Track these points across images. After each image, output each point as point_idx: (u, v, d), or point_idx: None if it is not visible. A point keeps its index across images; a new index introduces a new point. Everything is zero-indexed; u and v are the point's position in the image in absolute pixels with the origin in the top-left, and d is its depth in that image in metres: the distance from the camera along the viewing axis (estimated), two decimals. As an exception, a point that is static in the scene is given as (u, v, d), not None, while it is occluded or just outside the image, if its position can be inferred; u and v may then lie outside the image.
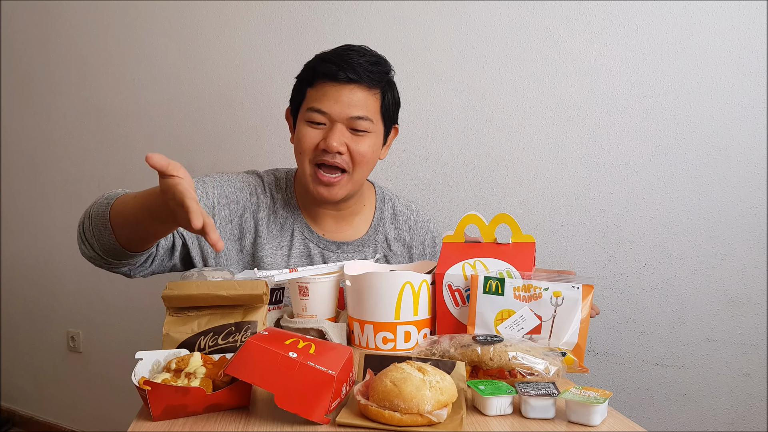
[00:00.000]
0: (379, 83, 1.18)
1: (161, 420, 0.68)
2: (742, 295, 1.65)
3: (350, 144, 1.16)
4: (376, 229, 1.30)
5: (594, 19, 1.68)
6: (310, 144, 1.16)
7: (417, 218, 1.35)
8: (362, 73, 1.14)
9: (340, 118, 1.15)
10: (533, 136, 1.75)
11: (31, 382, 2.55)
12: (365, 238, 1.28)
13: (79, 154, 2.29)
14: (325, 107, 1.15)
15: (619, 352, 1.73)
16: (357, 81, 1.15)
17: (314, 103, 1.16)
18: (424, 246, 1.34)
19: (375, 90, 1.18)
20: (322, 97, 1.15)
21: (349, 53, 1.16)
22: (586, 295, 0.89)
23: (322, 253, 1.25)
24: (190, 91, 2.07)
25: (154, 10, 2.10)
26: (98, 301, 2.33)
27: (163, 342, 0.83)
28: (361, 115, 1.15)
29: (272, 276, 1.01)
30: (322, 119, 1.16)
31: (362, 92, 1.16)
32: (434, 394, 0.67)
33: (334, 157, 1.15)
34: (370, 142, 1.18)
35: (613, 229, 1.71)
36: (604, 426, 0.70)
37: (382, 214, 1.32)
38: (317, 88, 1.16)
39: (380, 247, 1.30)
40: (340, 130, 1.15)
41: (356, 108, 1.15)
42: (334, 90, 1.15)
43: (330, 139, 1.14)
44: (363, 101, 1.16)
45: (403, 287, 0.95)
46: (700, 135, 1.64)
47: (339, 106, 1.14)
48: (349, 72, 1.14)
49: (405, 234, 1.33)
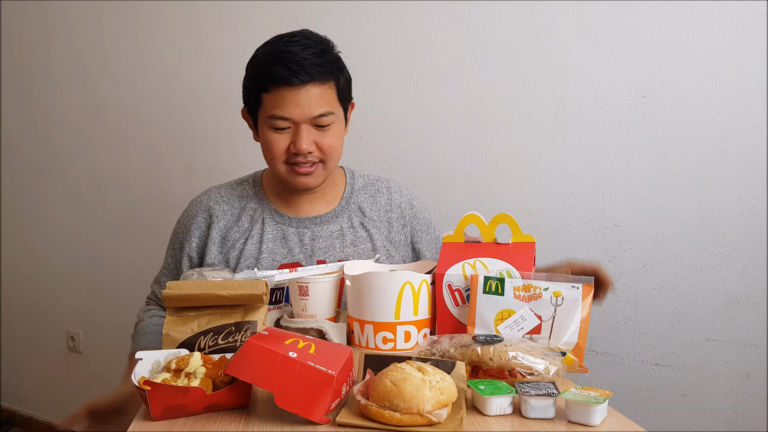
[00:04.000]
0: (332, 74, 1.17)
1: (161, 420, 0.68)
2: (742, 295, 1.65)
3: (318, 140, 1.18)
4: (348, 200, 1.32)
5: (594, 19, 1.68)
6: (279, 149, 1.18)
7: (389, 186, 1.37)
8: (313, 70, 1.13)
9: (303, 120, 1.15)
10: (533, 136, 1.75)
11: (31, 382, 2.55)
12: (338, 209, 1.30)
13: (79, 154, 2.29)
14: (287, 113, 1.15)
15: (619, 352, 1.73)
16: (311, 80, 1.14)
17: (275, 111, 1.15)
18: (402, 208, 1.35)
19: (329, 82, 1.17)
20: (281, 103, 1.15)
21: (293, 49, 1.14)
22: (586, 295, 0.89)
23: (297, 232, 1.26)
24: (190, 91, 2.07)
25: (154, 10, 2.10)
26: (98, 301, 2.33)
27: (163, 342, 0.83)
28: (323, 113, 1.16)
29: (272, 276, 1.01)
30: (286, 124, 1.16)
31: (318, 89, 1.15)
32: (434, 394, 0.67)
33: (305, 157, 1.18)
34: (335, 132, 1.20)
35: (613, 229, 1.71)
36: (604, 426, 0.70)
37: (353, 187, 1.34)
38: (273, 94, 1.15)
39: (354, 216, 1.30)
40: (306, 131, 1.16)
41: (316, 107, 1.15)
42: (290, 94, 1.14)
43: (299, 143, 1.15)
44: (321, 97, 1.16)
45: (403, 287, 0.95)
46: (700, 135, 1.64)
47: (300, 109, 1.14)
48: (301, 75, 1.12)
49: (381, 198, 1.34)
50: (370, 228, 1.29)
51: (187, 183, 2.11)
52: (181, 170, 2.12)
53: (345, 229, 1.28)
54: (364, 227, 1.29)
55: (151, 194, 2.18)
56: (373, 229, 1.29)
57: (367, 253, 1.26)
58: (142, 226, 2.21)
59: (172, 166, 2.13)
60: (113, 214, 2.26)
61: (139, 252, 2.22)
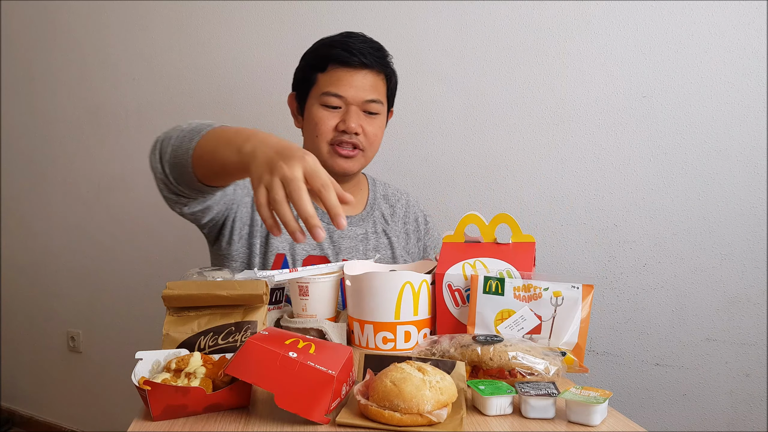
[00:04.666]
0: (386, 68, 1.26)
1: (161, 420, 0.68)
2: (742, 295, 1.65)
3: (364, 125, 1.23)
4: (373, 207, 1.37)
5: (594, 19, 1.68)
6: (328, 126, 1.22)
7: (408, 199, 1.44)
8: (372, 58, 1.22)
9: (355, 101, 1.22)
10: (533, 136, 1.75)
11: (31, 382, 2.54)
12: (364, 214, 1.34)
13: (79, 154, 2.29)
14: (341, 91, 1.21)
15: (619, 352, 1.73)
16: (369, 66, 1.22)
17: (329, 88, 1.21)
18: (417, 222, 1.42)
19: (382, 74, 1.26)
20: (337, 82, 1.21)
21: (352, 40, 1.22)
22: (586, 295, 0.89)
23: (328, 228, 1.28)
24: (190, 91, 2.07)
25: (154, 9, 2.10)
26: (98, 301, 2.33)
27: (163, 342, 0.83)
28: (374, 98, 1.23)
29: (272, 276, 1.01)
30: (338, 102, 1.22)
31: (373, 76, 1.23)
32: (434, 394, 0.67)
33: (351, 137, 1.22)
34: (379, 123, 1.27)
35: (613, 229, 1.71)
36: (604, 426, 0.70)
37: (375, 194, 1.39)
38: (330, 73, 1.22)
39: (378, 222, 1.35)
40: (355, 112, 1.22)
41: (369, 91, 1.23)
42: (347, 75, 1.21)
43: (349, 121, 1.21)
44: (374, 85, 1.24)
45: (403, 287, 0.95)
46: (700, 135, 1.64)
47: (354, 90, 1.21)
48: (362, 57, 1.20)
49: (400, 210, 1.40)
50: (392, 236, 1.35)
51: (187, 183, 2.11)
52: (181, 170, 2.12)
53: (369, 233, 1.32)
54: (386, 234, 1.35)
55: (151, 194, 2.16)
56: (394, 237, 1.35)
57: (387, 260, 1.31)
58: (142, 227, 2.21)
59: (172, 166, 2.13)
60: (113, 214, 2.26)
61: (139, 252, 2.22)
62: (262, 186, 0.74)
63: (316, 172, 0.73)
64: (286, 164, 0.73)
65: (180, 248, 2.13)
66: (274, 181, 0.73)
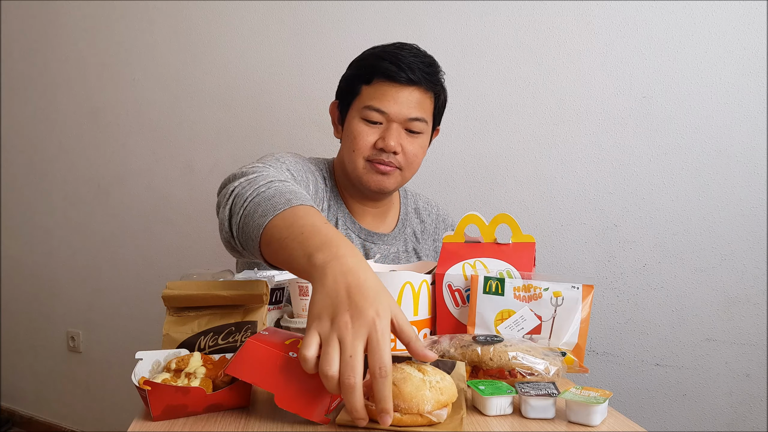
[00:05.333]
0: (435, 86, 1.19)
1: (161, 420, 0.68)
2: (742, 295, 1.65)
3: (404, 144, 1.18)
4: (404, 224, 1.34)
5: (594, 19, 1.68)
6: (367, 142, 1.17)
7: (438, 212, 1.41)
8: (420, 75, 1.15)
9: (398, 119, 1.16)
10: (533, 136, 1.75)
11: (31, 382, 2.54)
12: (396, 232, 1.31)
13: (78, 154, 2.29)
14: (384, 107, 1.15)
15: (619, 352, 1.73)
16: (416, 83, 1.15)
17: (372, 102, 1.16)
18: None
19: (430, 92, 1.19)
20: (381, 97, 1.15)
21: (403, 53, 1.16)
22: (586, 295, 0.89)
23: (363, 244, 1.26)
24: (190, 91, 2.07)
25: (154, 10, 2.10)
26: (98, 301, 2.33)
27: (163, 342, 0.83)
28: (417, 117, 1.17)
29: (272, 276, 1.01)
30: (380, 118, 1.16)
31: (419, 94, 1.16)
32: (434, 394, 0.67)
33: (389, 156, 1.17)
34: (421, 143, 1.21)
35: (613, 229, 1.71)
36: (604, 426, 0.70)
37: (406, 209, 1.36)
38: (375, 87, 1.16)
39: (409, 241, 1.33)
40: (396, 130, 1.16)
41: (414, 109, 1.16)
42: (393, 90, 1.15)
43: (388, 139, 1.15)
44: (420, 103, 1.17)
45: (403, 287, 0.95)
46: (700, 135, 1.64)
47: (398, 107, 1.15)
48: (409, 73, 1.14)
49: (430, 226, 1.37)
50: (422, 256, 1.33)
51: (186, 183, 2.11)
52: (180, 170, 2.12)
53: (400, 252, 1.30)
54: (416, 253, 1.32)
55: (151, 194, 2.18)
56: (424, 257, 1.33)
57: None
58: (142, 226, 2.21)
59: (171, 166, 2.13)
60: (113, 214, 2.26)
61: (139, 252, 2.22)
62: (315, 333, 0.64)
63: (379, 346, 0.61)
64: (351, 323, 0.62)
65: (180, 248, 2.13)
66: (331, 338, 0.62)
